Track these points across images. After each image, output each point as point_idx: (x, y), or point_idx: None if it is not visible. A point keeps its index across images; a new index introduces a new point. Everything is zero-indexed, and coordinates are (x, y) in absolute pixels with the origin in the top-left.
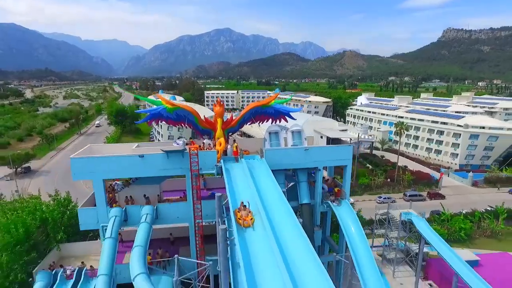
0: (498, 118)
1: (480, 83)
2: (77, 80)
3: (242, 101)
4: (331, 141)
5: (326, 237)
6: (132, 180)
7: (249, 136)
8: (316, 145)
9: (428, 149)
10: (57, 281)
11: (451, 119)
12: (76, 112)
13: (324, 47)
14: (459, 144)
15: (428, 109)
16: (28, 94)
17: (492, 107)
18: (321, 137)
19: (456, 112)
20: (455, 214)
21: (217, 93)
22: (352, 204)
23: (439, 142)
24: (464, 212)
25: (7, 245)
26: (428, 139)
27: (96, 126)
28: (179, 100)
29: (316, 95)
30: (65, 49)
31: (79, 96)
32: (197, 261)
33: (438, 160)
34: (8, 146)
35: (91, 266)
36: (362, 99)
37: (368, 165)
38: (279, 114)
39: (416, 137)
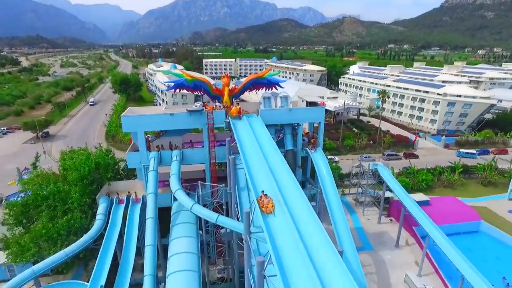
0: (483, 88)
1: (480, 51)
2: (70, 47)
3: (240, 69)
4: (309, 104)
5: (307, 177)
6: (162, 133)
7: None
8: (298, 107)
9: (411, 116)
10: (113, 205)
11: (432, 88)
12: (81, 81)
13: (323, 13)
14: (438, 111)
15: (416, 78)
16: (24, 62)
17: (479, 77)
18: (302, 101)
19: (442, 81)
20: (421, 169)
21: (215, 62)
22: (336, 162)
23: (421, 109)
24: (428, 167)
25: (78, 179)
26: (411, 106)
27: (90, 105)
28: (180, 69)
29: (313, 63)
30: (55, 14)
31: (76, 64)
32: (212, 184)
33: (419, 125)
34: (22, 114)
35: (135, 192)
36: (354, 68)
37: (354, 129)
38: (271, 84)
39: (401, 105)
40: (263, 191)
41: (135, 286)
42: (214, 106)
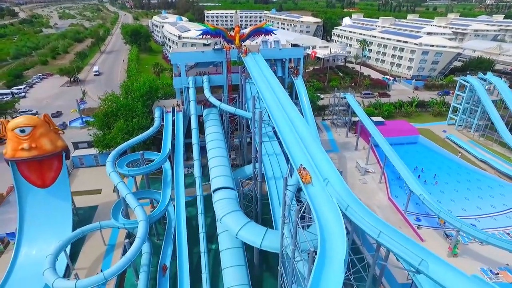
0: (468, 39)
1: (488, 1)
2: None
3: (240, 20)
4: (292, 45)
5: (292, 99)
6: (194, 64)
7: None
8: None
9: (392, 63)
10: (164, 112)
11: (410, 38)
12: (90, 33)
13: None
14: (413, 59)
15: (404, 30)
16: (21, 14)
17: (465, 29)
18: (291, 45)
19: (427, 33)
20: (386, 103)
21: (216, 13)
22: (322, 98)
23: (400, 58)
24: (392, 101)
25: (139, 96)
26: (392, 55)
27: (95, 75)
28: (185, 21)
29: (312, 14)
30: None
31: (74, 16)
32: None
33: (398, 72)
34: (47, 63)
35: (177, 105)
36: (347, 20)
37: (340, 73)
38: (267, 32)
39: (384, 54)
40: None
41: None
42: (230, 46)
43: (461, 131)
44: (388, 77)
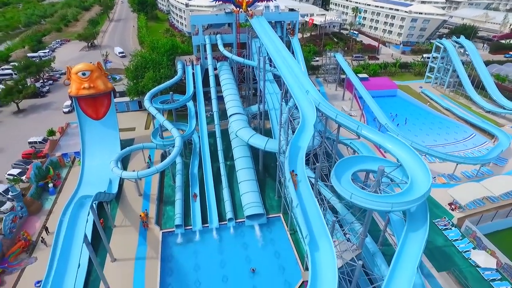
0: (462, 7)
1: None
2: None
3: None
4: (290, 10)
5: None
6: (208, 25)
7: None
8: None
9: (384, 30)
10: (185, 65)
11: (401, 6)
12: (104, 1)
13: None
14: (403, 26)
15: None
16: None
17: None
18: (289, 9)
19: (421, 1)
20: (373, 63)
21: None
22: (317, 61)
23: (391, 25)
24: (379, 62)
25: (164, 52)
26: (384, 22)
27: (121, 56)
28: None
29: None
30: None
31: None
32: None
33: (389, 38)
34: (61, 30)
35: (191, 61)
36: None
37: (335, 39)
38: None
39: (377, 21)
40: None
41: None
42: (238, 10)
43: (436, 87)
44: (388, 44)
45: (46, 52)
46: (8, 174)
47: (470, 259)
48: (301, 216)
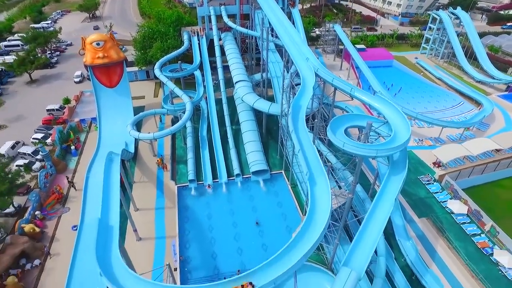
0: None
1: None
2: None
3: None
4: None
5: None
6: None
7: None
8: None
9: (383, 1)
10: (191, 36)
11: None
12: None
13: None
14: None
15: None
16: None
17: None
18: None
19: None
20: (371, 34)
21: None
22: (315, 32)
23: None
24: (376, 33)
25: (170, 23)
26: None
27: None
28: None
29: None
30: None
31: None
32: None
33: (388, 9)
34: (60, 1)
35: (197, 32)
36: None
37: (334, 10)
38: None
39: None
40: None
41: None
42: None
43: (431, 58)
44: (387, 15)
45: (48, 23)
46: (33, 138)
47: (447, 207)
48: (303, 158)
